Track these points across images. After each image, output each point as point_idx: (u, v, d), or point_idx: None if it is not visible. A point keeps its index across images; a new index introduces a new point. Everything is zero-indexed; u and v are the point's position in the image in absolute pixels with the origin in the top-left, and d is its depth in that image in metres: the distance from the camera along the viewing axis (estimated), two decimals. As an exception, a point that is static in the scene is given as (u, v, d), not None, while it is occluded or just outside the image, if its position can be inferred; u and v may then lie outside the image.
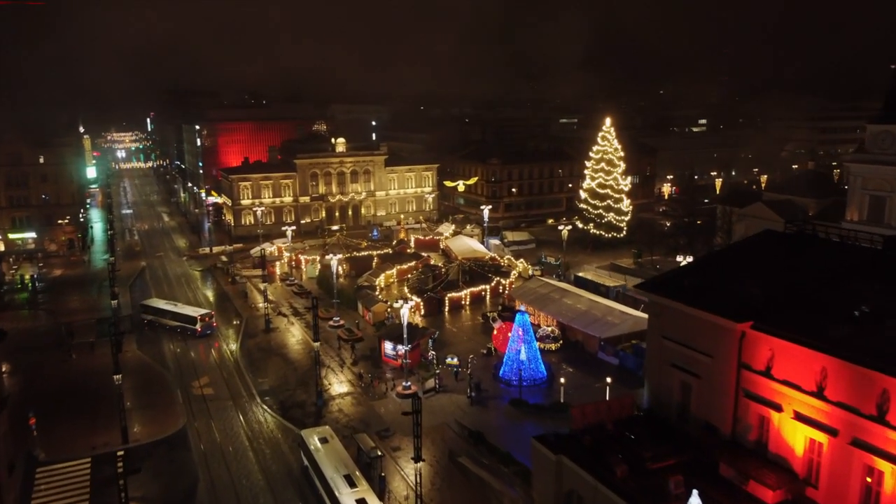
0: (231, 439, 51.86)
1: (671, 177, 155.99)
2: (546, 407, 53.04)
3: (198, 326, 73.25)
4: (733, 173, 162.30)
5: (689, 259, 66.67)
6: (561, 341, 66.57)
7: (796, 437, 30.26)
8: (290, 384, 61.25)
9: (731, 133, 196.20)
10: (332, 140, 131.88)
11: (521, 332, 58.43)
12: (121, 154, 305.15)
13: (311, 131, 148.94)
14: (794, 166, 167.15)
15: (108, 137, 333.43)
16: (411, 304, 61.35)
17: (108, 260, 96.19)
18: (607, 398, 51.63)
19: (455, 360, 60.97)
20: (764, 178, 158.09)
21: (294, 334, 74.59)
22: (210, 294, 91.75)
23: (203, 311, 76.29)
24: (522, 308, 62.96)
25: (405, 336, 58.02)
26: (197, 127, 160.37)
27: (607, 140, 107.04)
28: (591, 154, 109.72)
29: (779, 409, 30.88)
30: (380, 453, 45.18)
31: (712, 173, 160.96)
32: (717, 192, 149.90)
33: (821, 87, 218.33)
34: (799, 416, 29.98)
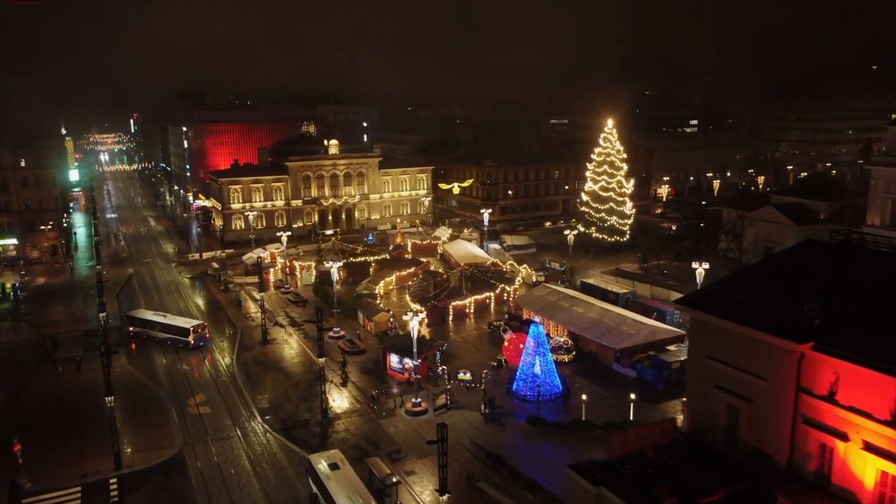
0: (232, 463, 48.48)
1: (667, 178, 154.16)
2: (566, 425, 50.14)
3: (191, 338, 69.79)
4: (728, 174, 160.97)
5: (706, 266, 63.98)
6: (574, 352, 63.74)
7: (866, 470, 27.67)
8: (291, 401, 57.95)
9: (725, 134, 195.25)
10: (325, 142, 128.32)
11: (534, 345, 55.62)
12: (104, 156, 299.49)
13: (301, 133, 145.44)
14: (790, 167, 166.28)
15: (91, 139, 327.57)
16: (421, 316, 58.06)
17: (95, 268, 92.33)
18: (632, 415, 49.26)
19: (468, 375, 57.77)
20: (761, 179, 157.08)
21: (292, 346, 71.25)
22: (201, 302, 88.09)
23: (196, 322, 72.78)
24: (537, 319, 60.13)
25: (415, 350, 54.93)
26: (184, 128, 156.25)
27: (609, 142, 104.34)
28: (592, 157, 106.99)
29: (845, 437, 28.28)
30: (395, 479, 42.12)
31: (708, 174, 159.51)
32: (715, 193, 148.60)
33: (815, 88, 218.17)
34: (869, 447, 27.41)
